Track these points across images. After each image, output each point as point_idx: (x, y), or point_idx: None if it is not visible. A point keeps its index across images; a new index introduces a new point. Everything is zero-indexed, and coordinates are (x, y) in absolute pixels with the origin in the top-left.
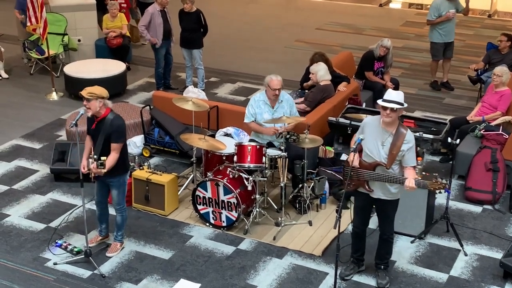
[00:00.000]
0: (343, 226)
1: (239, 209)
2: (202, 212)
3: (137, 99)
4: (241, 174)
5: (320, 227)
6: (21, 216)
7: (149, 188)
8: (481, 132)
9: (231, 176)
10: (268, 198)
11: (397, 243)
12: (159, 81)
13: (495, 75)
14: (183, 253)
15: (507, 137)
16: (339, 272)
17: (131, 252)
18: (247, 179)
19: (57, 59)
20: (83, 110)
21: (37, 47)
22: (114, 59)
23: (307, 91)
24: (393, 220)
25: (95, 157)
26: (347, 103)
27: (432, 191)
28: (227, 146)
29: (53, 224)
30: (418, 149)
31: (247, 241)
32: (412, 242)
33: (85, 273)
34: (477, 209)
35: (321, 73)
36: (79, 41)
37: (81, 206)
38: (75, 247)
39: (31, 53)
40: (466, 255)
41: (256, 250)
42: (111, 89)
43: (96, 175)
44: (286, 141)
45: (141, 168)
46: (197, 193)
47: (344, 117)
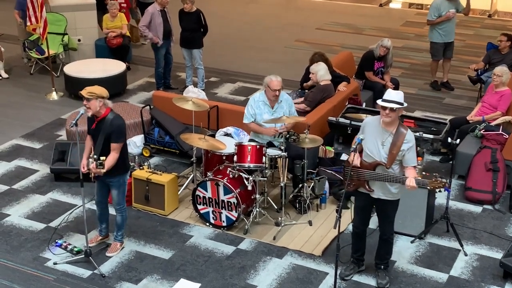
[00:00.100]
0: (343, 226)
1: (239, 209)
2: (202, 212)
3: (137, 99)
4: (241, 174)
5: (320, 227)
6: (21, 216)
7: (149, 188)
8: (481, 132)
9: (231, 176)
10: (268, 198)
11: (397, 243)
12: (159, 81)
13: (495, 75)
14: (183, 253)
15: (507, 137)
16: (339, 272)
17: (131, 252)
18: (247, 179)
19: (57, 59)
20: (83, 109)
21: (37, 47)
22: (114, 59)
23: (307, 91)
24: (393, 220)
25: (95, 157)
26: (347, 103)
27: (432, 190)
28: (227, 146)
29: (53, 224)
30: (418, 149)
31: (247, 241)
32: (412, 242)
33: (85, 273)
34: (477, 209)
35: (321, 73)
36: (79, 41)
37: (81, 206)
38: (75, 247)
39: (31, 53)
40: (466, 255)
41: (256, 250)
42: (111, 89)
43: (96, 175)
44: (286, 141)
45: (141, 168)
46: (197, 193)
47: (344, 117)
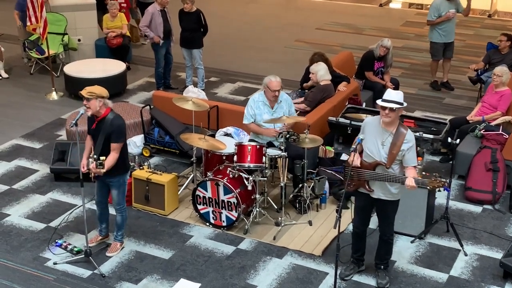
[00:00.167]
0: (343, 226)
1: (239, 209)
2: (202, 212)
3: (137, 99)
4: (241, 174)
5: (320, 227)
6: (21, 215)
7: (149, 188)
8: (481, 132)
9: (231, 176)
10: (268, 198)
11: (397, 243)
12: (159, 80)
13: (495, 75)
14: (183, 253)
15: (507, 137)
16: (339, 272)
17: (131, 252)
18: (247, 179)
19: (57, 58)
20: (83, 109)
21: (37, 46)
22: (114, 59)
23: (307, 91)
24: (393, 221)
25: (95, 157)
26: (347, 103)
27: (431, 189)
28: (227, 146)
29: (53, 223)
30: (418, 149)
31: (247, 241)
32: (412, 242)
33: (85, 272)
34: (477, 209)
35: (321, 73)
36: (79, 41)
37: (81, 205)
38: (75, 247)
39: (31, 52)
40: (466, 255)
41: (256, 250)
42: (111, 89)
43: (96, 175)
44: (286, 141)
45: (141, 168)
46: (197, 193)
47: (344, 117)
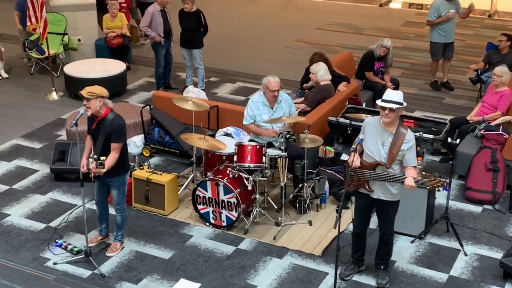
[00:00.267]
0: (343, 226)
1: (239, 209)
2: (202, 212)
3: (137, 99)
4: (241, 174)
5: (320, 227)
6: (21, 215)
7: (149, 188)
8: (481, 132)
9: (231, 176)
10: (268, 198)
11: (397, 243)
12: (159, 81)
13: (495, 75)
14: (183, 253)
15: (507, 137)
16: (339, 272)
17: (131, 252)
18: (247, 179)
19: (57, 58)
20: (83, 109)
21: (37, 46)
22: (114, 59)
23: (307, 91)
24: (393, 221)
25: (95, 156)
26: (347, 103)
27: (431, 189)
28: (227, 146)
29: (53, 223)
30: (418, 149)
31: (247, 241)
32: (412, 242)
33: (85, 272)
34: (477, 209)
35: (321, 73)
36: (79, 41)
37: (81, 205)
38: (75, 247)
39: (31, 52)
40: (466, 255)
41: (256, 250)
42: (111, 89)
43: (96, 175)
44: (286, 141)
45: (141, 168)
46: (197, 192)
47: (344, 117)
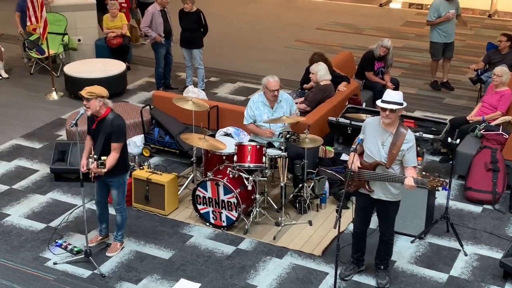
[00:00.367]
0: (343, 226)
1: (239, 209)
2: (202, 212)
3: (137, 99)
4: (241, 174)
5: (320, 227)
6: (21, 215)
7: (149, 188)
8: (481, 132)
9: (231, 176)
10: (268, 198)
11: (397, 243)
12: (159, 81)
13: (495, 75)
14: (183, 253)
15: (507, 137)
16: (339, 272)
17: (131, 252)
18: (247, 179)
19: (57, 58)
20: (83, 109)
21: (37, 46)
22: (114, 59)
23: (307, 91)
24: (393, 222)
25: (95, 156)
26: (347, 103)
27: (430, 188)
28: (227, 146)
29: (53, 223)
30: (418, 149)
31: (247, 241)
32: (412, 242)
33: (85, 272)
34: (477, 209)
35: (321, 73)
36: (79, 41)
37: (81, 205)
38: (75, 247)
39: (31, 52)
40: (466, 255)
41: (256, 250)
42: (111, 89)
43: (96, 175)
44: (286, 141)
45: (141, 168)
46: (197, 193)
47: (344, 117)
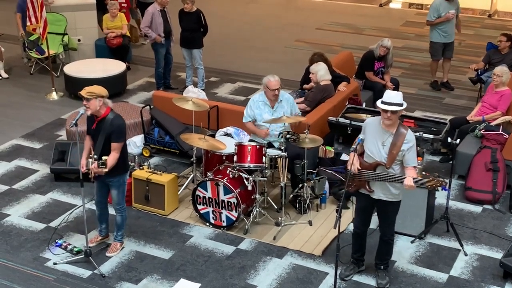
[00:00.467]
0: (343, 226)
1: (239, 209)
2: (202, 212)
3: (137, 99)
4: (241, 174)
5: (320, 227)
6: (21, 216)
7: (149, 188)
8: (481, 132)
9: (231, 176)
10: (268, 198)
11: (397, 243)
12: (159, 81)
13: (495, 75)
14: (183, 253)
15: (507, 137)
16: (339, 272)
17: (131, 252)
18: (247, 179)
19: (57, 59)
20: (83, 109)
21: (37, 46)
22: (114, 59)
23: (307, 91)
24: (394, 222)
25: (95, 156)
26: (347, 103)
27: (430, 188)
28: (227, 146)
29: (53, 224)
30: (418, 149)
31: (247, 241)
32: (412, 242)
33: (85, 273)
34: (477, 209)
35: (321, 73)
36: (79, 41)
37: (81, 206)
38: (75, 247)
39: (31, 52)
40: (466, 255)
41: (256, 250)
42: (111, 89)
43: (95, 175)
44: (286, 141)
45: (141, 168)
46: (197, 193)
47: (344, 117)
